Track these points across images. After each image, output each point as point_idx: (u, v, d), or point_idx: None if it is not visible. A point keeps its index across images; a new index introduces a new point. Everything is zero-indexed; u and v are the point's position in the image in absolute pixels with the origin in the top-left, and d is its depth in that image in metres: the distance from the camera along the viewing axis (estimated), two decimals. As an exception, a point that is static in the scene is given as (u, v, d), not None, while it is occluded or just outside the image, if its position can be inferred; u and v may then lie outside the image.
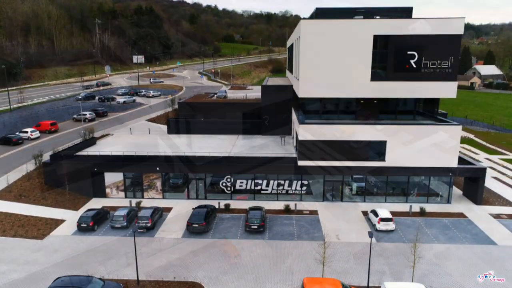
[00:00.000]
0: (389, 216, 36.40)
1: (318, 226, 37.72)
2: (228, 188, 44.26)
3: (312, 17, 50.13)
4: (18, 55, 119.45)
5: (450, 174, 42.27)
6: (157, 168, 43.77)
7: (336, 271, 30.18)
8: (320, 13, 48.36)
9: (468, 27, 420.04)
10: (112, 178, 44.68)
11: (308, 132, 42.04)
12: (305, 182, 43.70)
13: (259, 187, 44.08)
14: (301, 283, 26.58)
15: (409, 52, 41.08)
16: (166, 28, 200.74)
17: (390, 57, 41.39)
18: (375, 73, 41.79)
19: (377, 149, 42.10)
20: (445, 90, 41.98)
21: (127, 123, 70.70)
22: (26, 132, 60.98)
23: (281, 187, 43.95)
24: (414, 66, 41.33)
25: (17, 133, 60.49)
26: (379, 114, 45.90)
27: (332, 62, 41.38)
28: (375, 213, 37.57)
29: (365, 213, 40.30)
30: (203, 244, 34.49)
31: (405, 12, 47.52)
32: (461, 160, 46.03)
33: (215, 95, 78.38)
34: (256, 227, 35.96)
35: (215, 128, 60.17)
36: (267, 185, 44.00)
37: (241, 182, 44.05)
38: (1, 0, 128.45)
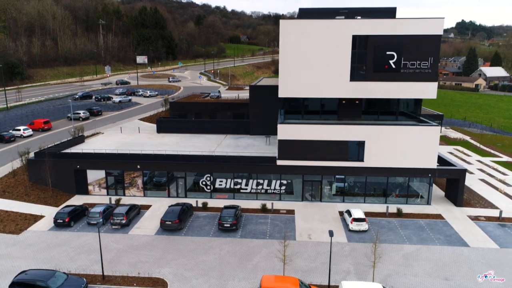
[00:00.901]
0: (362, 216, 36.33)
1: (292, 226, 37.80)
2: (208, 187, 44.58)
3: (297, 17, 50.26)
4: (21, 55, 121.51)
5: (429, 175, 41.98)
6: (138, 166, 44.28)
7: (302, 270, 30.28)
8: (304, 14, 48.48)
9: (479, 28, 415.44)
10: (94, 175, 45.33)
11: (287, 132, 42.18)
12: (284, 182, 43.80)
13: (238, 186, 44.30)
14: (259, 281, 26.73)
15: (388, 53, 40.99)
16: (170, 29, 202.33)
17: (369, 58, 41.31)
18: (355, 73, 41.74)
19: (356, 149, 42.04)
20: (425, 90, 41.72)
21: (120, 122, 71.51)
22: (19, 130, 62.13)
23: (260, 187, 44.12)
24: (393, 66, 41.21)
25: (10, 131, 61.66)
26: (361, 114, 45.96)
27: (312, 62, 41.45)
28: (349, 213, 37.53)
29: (341, 214, 40.27)
30: (175, 241, 34.85)
31: (389, 13, 47.33)
32: (442, 162, 45.78)
33: (209, 95, 78.88)
34: (228, 225, 36.19)
35: (204, 127, 60.68)
36: (247, 184, 44.21)
37: (221, 181, 44.33)
38: (5, 1, 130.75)
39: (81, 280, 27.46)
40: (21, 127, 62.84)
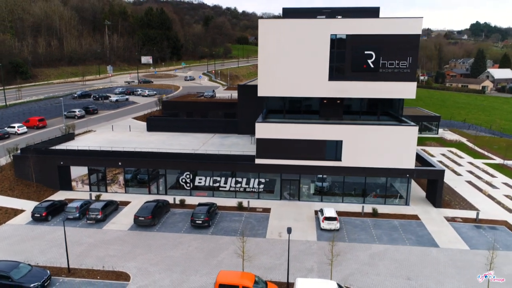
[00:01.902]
0: (334, 215, 36.32)
1: (265, 224, 37.99)
2: (188, 185, 45.04)
3: (282, 17, 50.48)
4: (25, 55, 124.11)
5: (407, 175, 41.72)
6: (120, 163, 44.99)
7: (265, 267, 30.47)
8: (288, 13, 48.65)
9: (494, 30, 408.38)
10: (78, 172, 46.18)
11: (265, 130, 42.39)
12: (262, 180, 44.01)
13: (217, 184, 44.67)
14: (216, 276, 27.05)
15: (366, 52, 40.93)
16: (176, 29, 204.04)
17: (347, 57, 41.32)
18: (333, 73, 41.78)
19: (333, 148, 42.01)
20: (404, 90, 41.50)
21: (114, 120, 72.60)
22: (14, 127, 63.60)
23: (239, 185, 44.39)
24: (372, 66, 41.14)
25: (5, 128, 63.13)
26: (343, 114, 45.94)
27: (290, 61, 41.64)
28: (322, 212, 37.54)
29: (317, 213, 40.28)
30: (147, 236, 35.36)
31: (372, 12, 47.19)
32: (423, 162, 45.47)
33: (203, 95, 79.54)
34: (200, 222, 36.57)
35: (194, 126, 61.20)
36: (225, 183, 44.54)
37: (200, 179, 44.76)
38: (12, 2, 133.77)
39: (45, 272, 28.10)
40: (16, 125, 64.32)
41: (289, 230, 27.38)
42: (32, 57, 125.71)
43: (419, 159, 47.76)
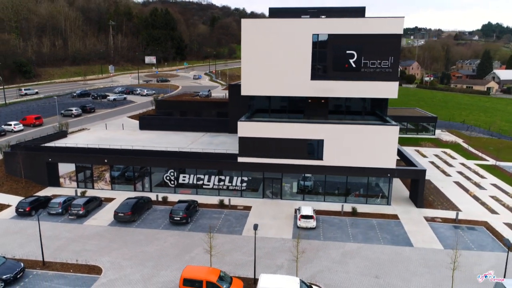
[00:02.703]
0: (310, 213, 36.51)
1: (244, 221, 38.33)
2: (172, 182, 45.61)
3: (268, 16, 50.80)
4: (29, 54, 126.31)
5: (388, 175, 41.70)
6: (105, 160, 45.74)
7: (236, 263, 30.85)
8: (274, 13, 48.98)
9: (506, 30, 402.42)
10: (66, 168, 47.06)
11: (247, 129, 42.74)
12: (245, 179, 44.36)
13: (201, 182, 45.16)
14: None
15: (348, 52, 41.08)
16: (181, 30, 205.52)
17: (329, 57, 41.52)
18: (315, 72, 42.00)
19: (315, 148, 42.18)
20: (386, 90, 41.56)
21: (109, 119, 73.63)
22: (10, 125, 64.97)
23: (222, 183, 44.82)
24: (354, 65, 41.27)
25: (2, 126, 64.53)
26: (328, 113, 46.13)
27: (273, 61, 41.98)
28: (299, 210, 37.76)
29: (296, 211, 40.47)
30: (125, 232, 35.97)
31: (358, 12, 47.24)
32: (409, 162, 45.40)
33: (198, 94, 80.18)
34: (178, 218, 37.08)
35: (186, 125, 61.77)
36: (209, 180, 45.00)
37: (184, 177, 45.29)
38: (18, 3, 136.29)
39: (18, 264, 28.86)
40: (12, 122, 65.71)
41: (255, 227, 27.73)
42: (36, 56, 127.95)
43: (405, 159, 47.74)
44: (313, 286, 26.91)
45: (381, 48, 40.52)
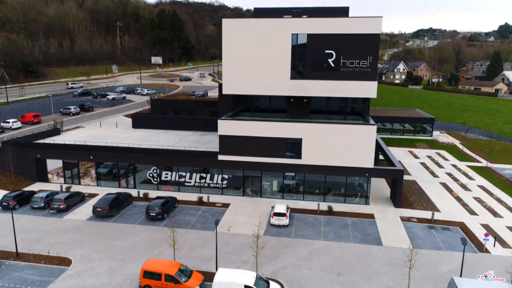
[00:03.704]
0: (283, 211, 36.84)
1: (219, 218, 38.72)
2: (155, 179, 46.45)
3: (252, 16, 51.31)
4: (36, 54, 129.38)
5: (366, 174, 41.73)
6: (91, 157, 46.86)
7: (202, 258, 31.44)
8: (258, 13, 49.49)
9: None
10: (54, 164, 48.36)
11: (227, 127, 43.31)
12: (226, 176, 44.91)
13: (183, 179, 45.88)
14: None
15: (326, 51, 41.22)
16: (188, 30, 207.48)
17: (308, 56, 41.73)
18: (295, 72, 42.30)
19: (293, 146, 42.48)
20: (365, 89, 41.51)
21: (106, 117, 75.10)
22: (8, 122, 66.86)
23: (203, 180, 45.47)
24: (332, 65, 41.39)
25: (0, 123, 66.46)
26: (310, 113, 46.39)
27: (253, 60, 42.37)
28: (273, 208, 38.12)
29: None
30: (101, 227, 36.86)
31: (341, 12, 47.40)
32: (391, 163, 45.31)
33: (194, 94, 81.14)
34: (154, 214, 37.84)
35: (178, 124, 62.70)
36: (190, 178, 45.70)
37: (166, 174, 46.10)
38: (26, 4, 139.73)
39: (-9, 254, 29.99)
40: (11, 120, 67.60)
41: (216, 222, 28.25)
42: (42, 56, 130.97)
43: (388, 160, 47.63)
44: (270, 282, 27.24)
45: (359, 48, 40.56)
